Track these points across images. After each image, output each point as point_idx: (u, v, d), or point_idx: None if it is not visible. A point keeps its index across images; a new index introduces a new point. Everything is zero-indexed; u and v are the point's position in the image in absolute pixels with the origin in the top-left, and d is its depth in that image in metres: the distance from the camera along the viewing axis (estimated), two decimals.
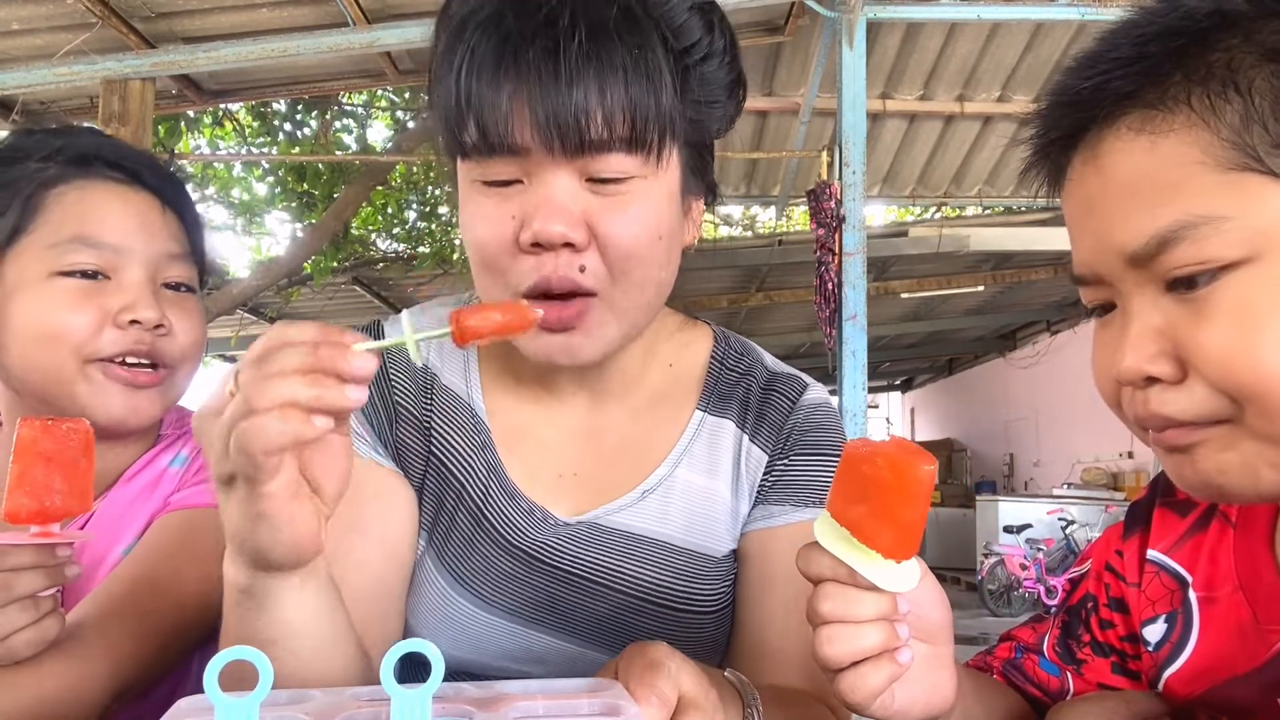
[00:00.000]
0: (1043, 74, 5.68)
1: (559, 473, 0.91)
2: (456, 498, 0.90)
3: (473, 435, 0.91)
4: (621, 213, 0.76)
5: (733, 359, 0.97)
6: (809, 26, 4.89)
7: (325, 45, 4.21)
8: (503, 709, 0.50)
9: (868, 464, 0.56)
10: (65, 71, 4.22)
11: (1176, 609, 0.74)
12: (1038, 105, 0.67)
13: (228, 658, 0.45)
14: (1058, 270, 8.91)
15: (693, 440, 0.93)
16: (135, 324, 0.98)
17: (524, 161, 0.75)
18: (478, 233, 0.78)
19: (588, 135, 0.73)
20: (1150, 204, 0.57)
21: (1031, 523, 9.69)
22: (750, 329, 9.97)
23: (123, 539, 1.03)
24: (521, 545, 0.88)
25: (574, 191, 0.76)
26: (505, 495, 0.89)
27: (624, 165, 0.76)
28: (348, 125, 7.83)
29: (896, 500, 0.55)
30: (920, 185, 6.95)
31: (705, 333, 1.00)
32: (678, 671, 0.60)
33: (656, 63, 0.76)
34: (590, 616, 0.88)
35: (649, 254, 0.79)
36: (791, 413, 0.94)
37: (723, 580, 0.91)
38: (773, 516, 0.91)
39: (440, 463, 0.90)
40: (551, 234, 0.73)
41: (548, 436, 0.92)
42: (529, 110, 0.72)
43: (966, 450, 15.18)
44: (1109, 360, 0.62)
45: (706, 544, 0.91)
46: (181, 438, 1.11)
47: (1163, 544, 0.78)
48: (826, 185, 4.20)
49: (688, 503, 0.91)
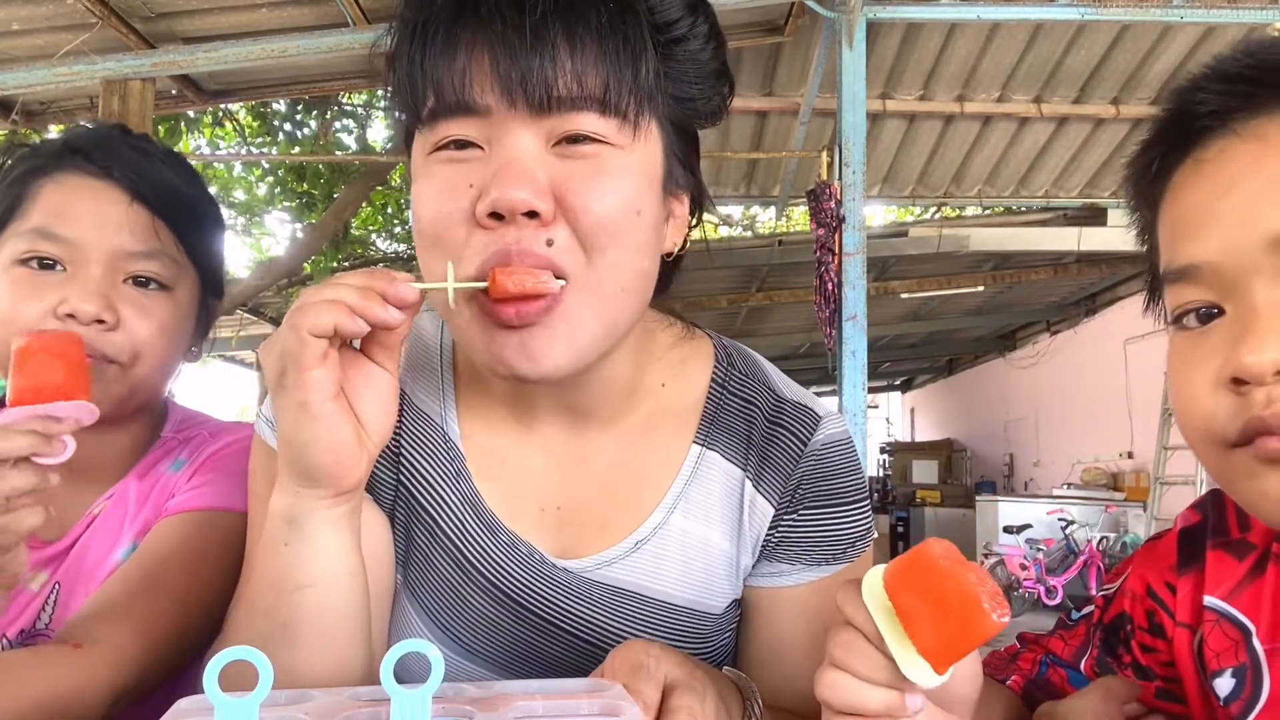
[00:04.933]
0: (1043, 74, 5.68)
1: (540, 506, 0.83)
2: (429, 534, 0.82)
3: (445, 463, 0.82)
4: (594, 179, 0.67)
5: (735, 382, 0.86)
6: (809, 26, 4.89)
7: (325, 45, 4.21)
8: (503, 709, 0.50)
9: (943, 582, 0.53)
10: (65, 71, 4.22)
11: (1244, 663, 0.71)
12: (1181, 84, 0.64)
13: (228, 658, 0.45)
14: (1058, 270, 8.90)
15: (689, 482, 0.83)
16: (71, 317, 0.97)
17: (484, 124, 0.67)
18: (426, 207, 0.69)
19: (555, 91, 0.65)
20: None
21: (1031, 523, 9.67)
22: (750, 329, 9.97)
23: (122, 543, 1.03)
24: (505, 588, 0.81)
25: (540, 156, 0.67)
26: (485, 530, 0.81)
27: (597, 127, 0.67)
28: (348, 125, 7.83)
29: (957, 629, 0.52)
30: (920, 185, 6.94)
31: (705, 348, 0.89)
32: (657, 667, 0.61)
33: (636, 23, 0.68)
34: (576, 673, 0.80)
35: (627, 229, 0.69)
36: (801, 458, 0.83)
37: (722, 633, 0.85)
38: (781, 575, 0.83)
39: (410, 494, 0.83)
40: (513, 199, 0.64)
41: (527, 465, 0.83)
42: (490, 64, 0.65)
43: (966, 450, 15.17)
44: (1214, 366, 0.58)
45: (704, 600, 0.83)
46: (182, 443, 1.11)
47: (1220, 590, 0.73)
48: (826, 185, 4.20)
49: (684, 555, 0.82)
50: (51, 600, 1.00)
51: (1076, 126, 6.29)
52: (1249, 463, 0.59)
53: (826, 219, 4.15)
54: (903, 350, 13.48)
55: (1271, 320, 0.56)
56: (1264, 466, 0.58)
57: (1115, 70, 5.66)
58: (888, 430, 18.85)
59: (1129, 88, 5.86)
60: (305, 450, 0.65)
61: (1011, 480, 13.38)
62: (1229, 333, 0.58)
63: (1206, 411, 0.60)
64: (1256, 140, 0.57)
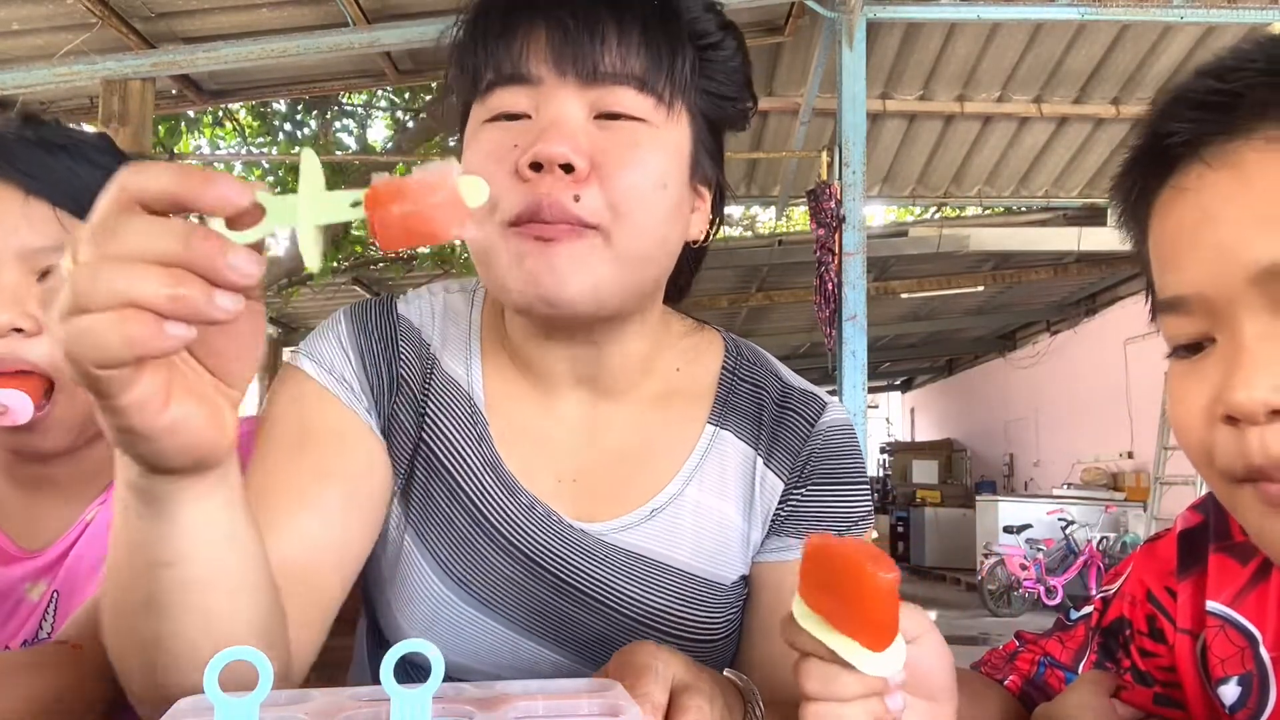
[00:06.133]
0: (1043, 74, 5.68)
1: (557, 476, 0.86)
2: (449, 492, 0.85)
3: (469, 427, 0.86)
4: (629, 150, 0.75)
5: (745, 369, 0.92)
6: (809, 27, 4.89)
7: (325, 45, 4.21)
8: (503, 709, 0.50)
9: (829, 564, 0.54)
10: (65, 71, 4.23)
11: (1251, 670, 0.69)
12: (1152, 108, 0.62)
13: (228, 658, 0.45)
14: (1057, 270, 8.92)
15: (704, 457, 0.88)
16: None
17: (534, 93, 0.75)
18: (473, 166, 0.75)
19: (602, 65, 0.74)
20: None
21: (1031, 523, 9.68)
22: (750, 329, 9.97)
23: None
24: (523, 547, 0.84)
25: (582, 123, 0.75)
26: (505, 490, 0.85)
27: (635, 104, 0.75)
28: (348, 125, 7.84)
29: (865, 604, 0.53)
30: (920, 185, 6.95)
31: (715, 340, 0.95)
32: (665, 670, 0.61)
33: (676, 23, 0.77)
34: (588, 633, 0.85)
35: (652, 198, 0.75)
36: (809, 437, 0.89)
37: (730, 607, 0.88)
38: (789, 549, 0.87)
39: (430, 452, 0.86)
40: (553, 153, 0.71)
41: (547, 435, 0.87)
42: (545, 40, 0.74)
43: (966, 450, 15.18)
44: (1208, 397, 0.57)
45: (716, 570, 0.87)
46: None
47: (1224, 595, 0.72)
48: (826, 185, 4.20)
49: (697, 525, 0.86)
50: (51, 609, 1.00)
51: (1076, 126, 6.30)
52: (1253, 499, 0.58)
53: (826, 219, 4.16)
54: (903, 350, 13.49)
55: (1259, 355, 0.55)
56: (1268, 507, 0.57)
57: (1115, 70, 5.67)
58: (888, 430, 18.87)
59: (1129, 88, 5.87)
60: (148, 460, 0.50)
61: (1011, 480, 13.39)
62: (1222, 362, 0.57)
63: (1206, 445, 0.59)
64: (1231, 169, 0.56)
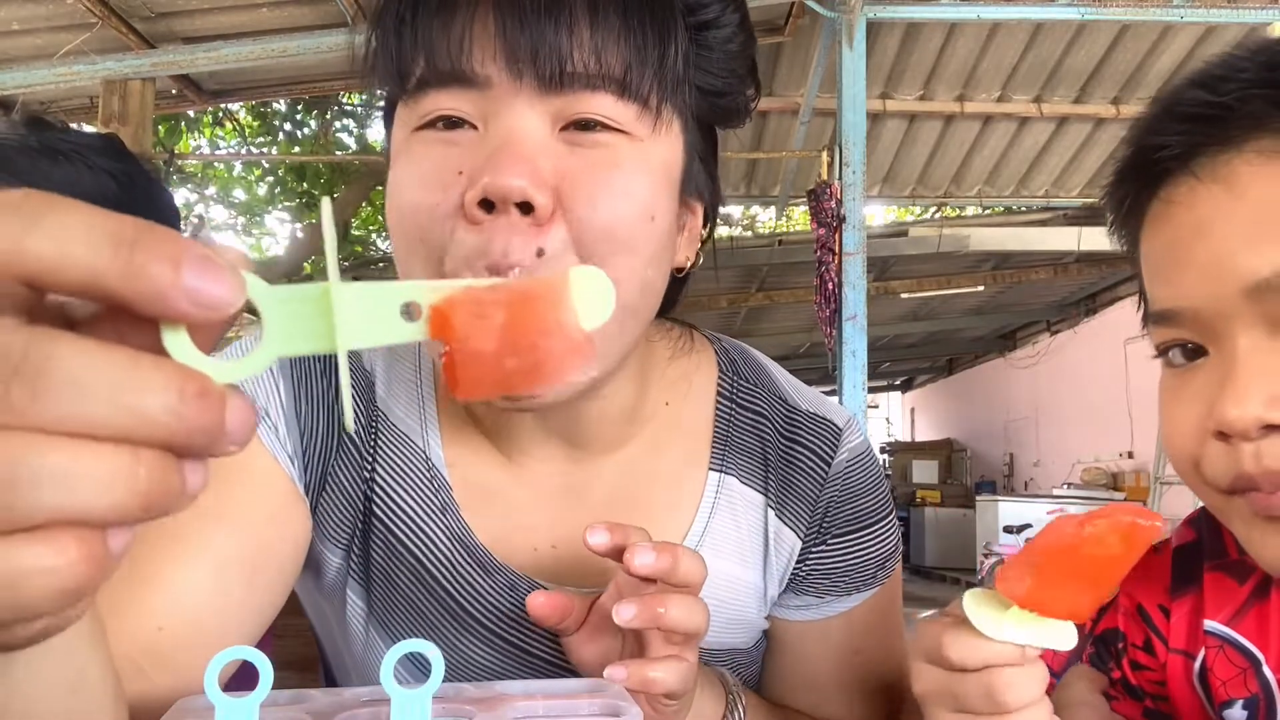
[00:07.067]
0: (1043, 74, 5.68)
1: (534, 545, 0.72)
2: (413, 575, 0.71)
3: (430, 494, 0.71)
4: (606, 174, 0.57)
5: (743, 393, 0.78)
6: (809, 26, 4.89)
7: (325, 45, 4.21)
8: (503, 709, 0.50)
9: (1093, 545, 0.51)
10: (65, 71, 4.22)
11: (1256, 693, 0.68)
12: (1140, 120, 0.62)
13: (228, 657, 0.45)
14: (1058, 270, 8.91)
15: (712, 514, 0.74)
16: None
17: (481, 99, 0.57)
18: (405, 195, 0.58)
19: (569, 65, 0.55)
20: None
21: (1031, 523, 9.66)
22: (750, 329, 9.96)
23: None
24: (507, 635, 0.71)
25: (544, 140, 0.57)
26: (479, 570, 0.71)
27: (614, 112, 0.57)
28: (348, 125, 7.83)
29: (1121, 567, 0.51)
30: (920, 185, 6.95)
31: (706, 356, 0.80)
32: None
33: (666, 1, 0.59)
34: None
35: (638, 236, 0.58)
36: (825, 483, 0.76)
37: (753, 664, 0.80)
38: (809, 608, 0.77)
39: (385, 528, 0.71)
40: (508, 187, 0.53)
41: (517, 498, 0.72)
42: (494, 28, 0.55)
43: (966, 450, 15.17)
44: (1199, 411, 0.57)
45: (738, 639, 0.76)
46: None
47: (1221, 614, 0.70)
48: (826, 185, 4.20)
49: (714, 596, 0.68)
50: None
51: (1076, 126, 6.29)
52: (1244, 512, 0.58)
53: (827, 219, 4.16)
54: (903, 350, 13.48)
55: (1251, 370, 0.54)
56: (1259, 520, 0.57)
57: (1115, 70, 5.66)
58: (888, 430, 18.85)
59: (1129, 88, 5.86)
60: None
61: (1011, 480, 13.38)
62: (1214, 375, 0.57)
63: (1196, 456, 0.59)
64: (1223, 182, 0.56)
